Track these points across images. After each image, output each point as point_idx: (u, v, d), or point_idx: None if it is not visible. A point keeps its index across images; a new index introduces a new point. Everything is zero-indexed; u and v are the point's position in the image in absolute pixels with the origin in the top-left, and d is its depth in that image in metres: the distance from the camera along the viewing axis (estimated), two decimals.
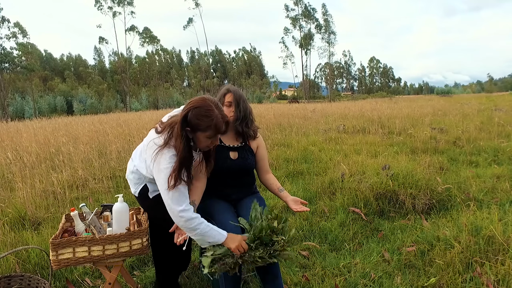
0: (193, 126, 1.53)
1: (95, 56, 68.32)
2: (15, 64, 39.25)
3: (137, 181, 1.84)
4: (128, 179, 1.91)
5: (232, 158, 1.94)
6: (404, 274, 2.15)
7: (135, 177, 1.84)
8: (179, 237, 1.70)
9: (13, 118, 25.96)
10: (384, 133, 7.60)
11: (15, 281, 1.89)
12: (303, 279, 2.13)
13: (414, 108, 13.74)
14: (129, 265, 2.44)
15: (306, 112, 13.63)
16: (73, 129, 10.05)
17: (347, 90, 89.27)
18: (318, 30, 55.52)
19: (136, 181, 1.84)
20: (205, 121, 1.51)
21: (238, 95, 1.93)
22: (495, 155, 5.31)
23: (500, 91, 69.32)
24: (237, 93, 1.93)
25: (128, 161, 1.94)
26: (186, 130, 1.54)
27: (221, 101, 1.93)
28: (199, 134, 1.56)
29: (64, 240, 1.66)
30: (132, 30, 49.33)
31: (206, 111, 1.52)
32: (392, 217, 3.08)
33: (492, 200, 3.32)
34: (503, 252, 2.13)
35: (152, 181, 1.76)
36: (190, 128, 1.54)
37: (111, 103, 47.15)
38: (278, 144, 6.53)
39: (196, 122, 1.52)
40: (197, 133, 1.55)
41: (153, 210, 1.86)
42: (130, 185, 1.90)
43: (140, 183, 1.83)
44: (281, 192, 2.00)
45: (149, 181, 1.80)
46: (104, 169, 4.76)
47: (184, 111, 1.54)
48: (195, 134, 1.56)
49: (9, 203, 3.44)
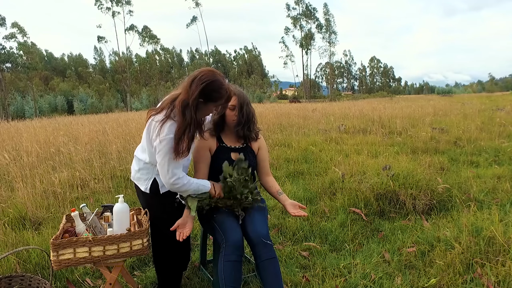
0: (207, 97, 1.62)
1: (95, 56, 68.39)
2: (17, 64, 39.29)
3: (146, 176, 1.82)
4: (135, 179, 1.88)
5: (233, 159, 1.94)
6: (404, 275, 2.15)
7: (143, 173, 1.82)
8: (180, 234, 1.70)
9: (13, 118, 25.98)
10: (385, 133, 7.59)
11: (16, 281, 1.89)
12: (303, 280, 2.13)
13: (415, 108, 13.72)
14: (130, 265, 2.44)
15: (306, 112, 13.62)
16: (74, 129, 10.06)
17: (348, 90, 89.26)
18: (319, 30, 55.48)
19: (145, 176, 1.82)
20: (221, 92, 1.63)
21: (243, 99, 1.90)
22: (496, 155, 5.30)
23: (501, 91, 69.25)
24: (241, 97, 1.90)
25: (132, 163, 1.92)
26: (200, 101, 1.61)
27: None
28: (210, 104, 1.66)
29: (64, 240, 1.66)
30: (131, 30, 49.34)
31: (220, 84, 1.63)
32: (393, 217, 3.08)
33: (492, 201, 3.32)
34: (503, 253, 2.13)
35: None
36: (203, 99, 1.62)
37: (111, 102, 47.19)
38: (278, 144, 6.52)
39: (212, 94, 1.62)
40: (209, 103, 1.65)
41: (161, 208, 1.84)
42: (138, 184, 1.86)
43: (149, 178, 1.81)
44: (280, 195, 2.00)
45: (157, 173, 1.78)
46: (105, 169, 4.77)
47: (201, 83, 1.59)
48: (206, 104, 1.64)
49: (9, 203, 3.45)
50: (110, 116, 18.14)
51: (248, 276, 2.19)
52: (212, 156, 1.94)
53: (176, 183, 1.65)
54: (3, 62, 37.66)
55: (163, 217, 1.84)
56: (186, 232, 1.72)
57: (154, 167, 1.78)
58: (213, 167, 1.93)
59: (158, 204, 1.86)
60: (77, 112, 40.17)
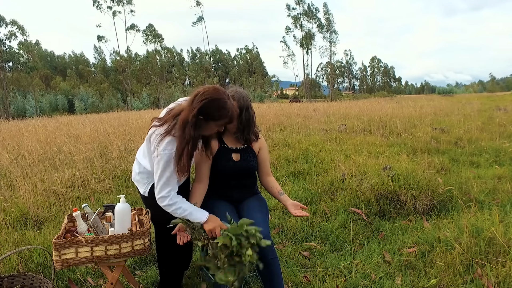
0: (208, 115, 1.59)
1: (96, 55, 68.38)
2: (18, 63, 39.30)
3: (146, 180, 1.83)
4: (135, 180, 1.89)
5: (234, 159, 1.95)
6: (404, 275, 2.16)
7: (143, 177, 1.83)
8: (181, 238, 1.71)
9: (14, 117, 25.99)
10: (385, 133, 7.59)
11: (18, 281, 1.90)
12: (304, 280, 2.13)
13: (416, 108, 13.72)
14: (131, 265, 2.45)
15: (307, 112, 13.62)
16: (74, 128, 10.07)
17: (349, 90, 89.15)
18: (319, 29, 55.39)
19: (145, 180, 1.83)
20: (222, 112, 1.60)
21: (243, 104, 1.85)
22: (496, 155, 5.30)
23: (502, 91, 69.10)
24: (241, 101, 1.85)
25: (133, 164, 1.93)
26: (199, 118, 1.59)
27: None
28: (212, 123, 1.63)
29: (66, 240, 1.67)
30: (132, 29, 49.29)
31: (223, 103, 1.59)
32: (393, 218, 3.08)
33: (493, 201, 3.32)
34: (504, 254, 2.14)
35: None
36: (203, 117, 1.59)
37: (112, 102, 47.17)
38: (279, 144, 6.53)
39: (212, 112, 1.59)
40: (210, 122, 1.62)
41: (160, 211, 1.84)
42: (138, 186, 1.88)
43: (148, 183, 1.82)
44: (281, 195, 2.00)
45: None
46: (106, 169, 4.77)
47: (201, 100, 1.57)
48: (207, 122, 1.62)
49: (11, 202, 3.46)
50: (111, 115, 18.15)
51: (249, 276, 2.19)
52: (213, 156, 1.94)
53: (162, 201, 1.63)
54: (5, 61, 37.67)
55: (162, 219, 1.83)
56: (187, 237, 1.72)
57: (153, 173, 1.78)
58: (214, 168, 1.93)
59: (157, 208, 1.84)
60: (77, 111, 40.15)
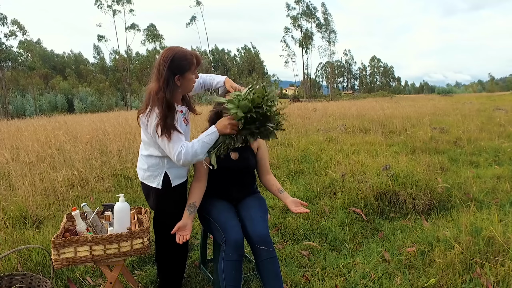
0: (181, 70, 1.67)
1: (95, 54, 68.27)
2: (17, 62, 39.23)
3: (157, 172, 1.78)
4: (145, 178, 1.82)
5: (233, 158, 1.95)
6: (404, 275, 2.16)
7: (153, 170, 1.78)
8: (180, 237, 1.71)
9: (13, 116, 25.98)
10: (385, 132, 7.59)
11: (16, 280, 1.90)
12: (303, 279, 2.13)
13: (415, 107, 13.73)
14: (130, 264, 2.45)
15: (307, 111, 13.61)
16: (74, 127, 10.06)
17: (348, 89, 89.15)
18: (319, 29, 55.40)
19: (156, 172, 1.78)
20: (188, 59, 1.68)
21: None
22: (495, 155, 5.30)
23: (502, 91, 69.21)
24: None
25: (137, 166, 1.88)
26: (176, 78, 1.66)
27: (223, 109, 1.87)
28: (188, 74, 1.70)
29: (65, 239, 1.67)
30: (132, 28, 49.25)
31: (182, 53, 1.67)
32: (392, 217, 3.09)
33: (492, 201, 3.32)
34: (503, 253, 2.14)
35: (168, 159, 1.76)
36: (179, 73, 1.67)
37: (111, 101, 47.13)
38: (278, 143, 6.53)
39: (182, 65, 1.67)
40: (185, 74, 1.69)
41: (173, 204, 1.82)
42: (149, 183, 1.80)
43: (161, 173, 1.77)
44: (281, 193, 2.00)
45: (168, 167, 1.78)
46: (105, 168, 4.77)
47: (164, 64, 1.64)
48: (183, 77, 1.69)
49: (10, 201, 3.45)
50: (111, 114, 18.12)
51: (248, 275, 2.19)
52: None
53: (179, 158, 1.64)
54: (4, 60, 37.60)
55: (174, 212, 1.81)
56: (186, 236, 1.71)
57: (163, 160, 1.76)
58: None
59: (170, 200, 1.82)
60: (77, 110, 40.09)
